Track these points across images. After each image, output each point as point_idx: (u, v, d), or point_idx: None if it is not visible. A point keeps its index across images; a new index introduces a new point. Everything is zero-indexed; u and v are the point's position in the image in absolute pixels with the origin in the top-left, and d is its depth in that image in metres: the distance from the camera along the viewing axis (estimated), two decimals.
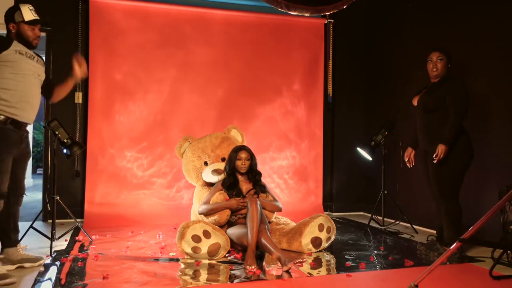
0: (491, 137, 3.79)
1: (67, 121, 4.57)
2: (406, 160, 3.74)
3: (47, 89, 3.13)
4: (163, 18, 4.93)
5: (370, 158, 4.57)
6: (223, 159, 3.96)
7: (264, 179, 3.87)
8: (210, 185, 3.97)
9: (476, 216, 2.37)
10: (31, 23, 2.89)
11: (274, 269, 2.91)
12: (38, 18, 2.93)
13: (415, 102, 3.56)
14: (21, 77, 2.81)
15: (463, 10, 4.13)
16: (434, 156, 3.24)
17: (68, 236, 3.76)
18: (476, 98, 3.90)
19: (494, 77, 3.80)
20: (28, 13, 2.89)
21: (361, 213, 5.58)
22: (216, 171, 3.83)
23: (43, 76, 3.01)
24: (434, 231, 4.23)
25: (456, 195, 3.32)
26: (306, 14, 3.15)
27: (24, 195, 3.04)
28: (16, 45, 2.85)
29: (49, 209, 4.58)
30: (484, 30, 3.88)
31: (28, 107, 2.87)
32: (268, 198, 3.59)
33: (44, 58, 4.29)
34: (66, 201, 3.92)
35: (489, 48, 3.82)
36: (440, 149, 3.21)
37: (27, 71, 2.85)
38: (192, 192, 4.44)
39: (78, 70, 3.08)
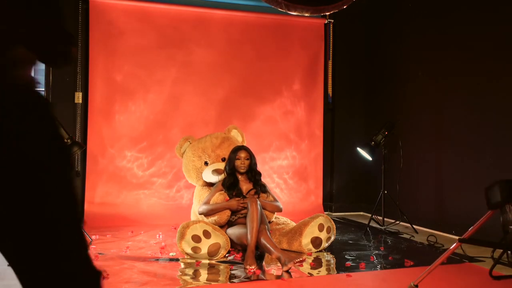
0: (491, 136, 3.78)
1: (67, 121, 4.56)
2: None
3: None
4: (163, 18, 4.92)
5: (370, 158, 4.57)
6: (223, 159, 3.96)
7: (264, 179, 3.87)
8: (210, 185, 3.97)
9: (476, 216, 2.37)
10: None
11: (274, 269, 2.91)
12: None
13: None
14: None
15: (463, 9, 4.12)
16: None
17: None
18: (479, 96, 3.90)
19: (496, 74, 3.80)
20: None
21: (361, 213, 5.58)
22: (216, 171, 3.83)
23: None
24: (434, 231, 4.24)
25: None
26: (306, 14, 3.15)
27: None
28: None
29: None
30: (485, 29, 3.87)
31: None
32: (268, 198, 3.59)
33: None
34: None
35: (490, 48, 3.82)
36: None
37: None
38: (192, 192, 4.44)
39: None
